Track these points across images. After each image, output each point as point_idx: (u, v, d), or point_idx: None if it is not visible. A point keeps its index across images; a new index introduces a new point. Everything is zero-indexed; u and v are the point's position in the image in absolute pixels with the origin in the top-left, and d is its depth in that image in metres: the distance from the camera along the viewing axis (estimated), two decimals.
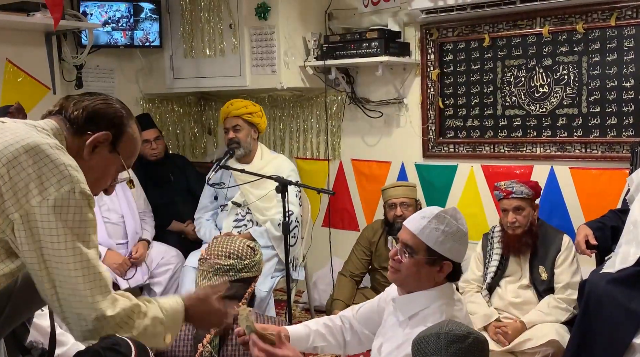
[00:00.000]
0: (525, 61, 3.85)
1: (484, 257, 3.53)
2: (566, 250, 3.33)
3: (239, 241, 2.32)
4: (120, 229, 3.92)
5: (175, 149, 5.19)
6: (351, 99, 4.52)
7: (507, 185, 3.36)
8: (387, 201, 3.87)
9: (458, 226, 2.03)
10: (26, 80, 4.01)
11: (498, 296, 3.44)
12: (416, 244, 2.02)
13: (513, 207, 3.33)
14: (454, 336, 1.46)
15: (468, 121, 4.09)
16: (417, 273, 2.04)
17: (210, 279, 2.25)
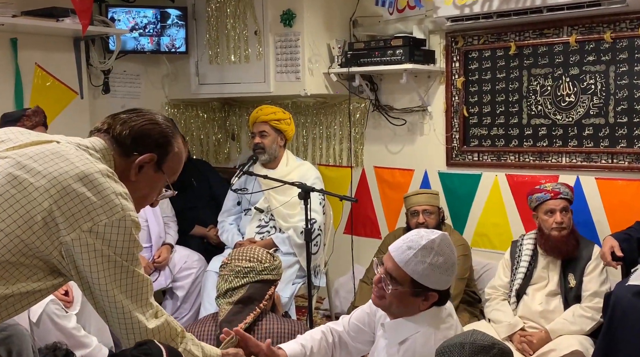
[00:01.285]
0: (552, 70, 3.82)
1: (512, 264, 3.51)
2: (596, 259, 3.31)
3: (260, 249, 2.37)
4: (144, 233, 3.95)
5: (199, 155, 5.22)
6: (375, 106, 4.52)
7: (554, 186, 3.38)
8: (410, 208, 3.85)
9: (445, 257, 1.97)
10: (54, 84, 4.07)
11: (524, 303, 3.41)
12: (400, 276, 1.97)
13: (561, 207, 3.32)
14: (478, 346, 1.46)
15: (493, 130, 4.07)
16: (401, 303, 2.01)
17: (232, 282, 2.30)
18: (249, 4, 4.45)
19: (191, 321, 3.94)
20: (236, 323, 2.21)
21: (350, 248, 4.37)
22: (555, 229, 3.31)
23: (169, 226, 4.13)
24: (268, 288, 2.33)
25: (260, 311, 2.27)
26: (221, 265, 2.39)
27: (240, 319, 2.23)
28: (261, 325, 2.25)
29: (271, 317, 2.30)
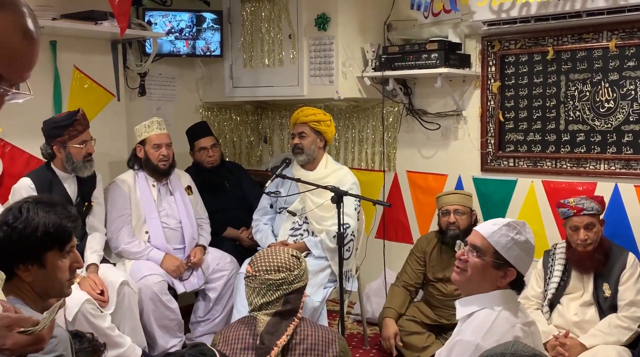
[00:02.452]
0: (591, 75, 3.75)
1: (545, 273, 3.48)
2: (631, 267, 3.26)
3: (283, 253, 2.34)
4: (178, 235, 3.98)
5: (232, 157, 5.25)
6: (408, 110, 4.50)
7: (577, 201, 3.28)
8: (441, 208, 3.84)
9: (527, 237, 2.09)
10: (92, 86, 4.11)
11: (559, 313, 3.37)
12: (485, 246, 2.09)
13: (585, 224, 3.26)
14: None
15: (529, 135, 4.01)
16: (481, 274, 2.09)
17: (265, 295, 2.27)
18: (283, 7, 4.47)
19: (223, 322, 3.96)
20: (278, 334, 2.20)
21: (382, 253, 4.34)
22: (580, 245, 3.27)
23: (202, 227, 4.15)
24: (302, 295, 2.33)
25: (299, 321, 2.27)
26: (247, 276, 2.35)
27: (281, 331, 2.22)
28: (297, 332, 2.24)
29: (306, 323, 2.28)
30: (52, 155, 3.53)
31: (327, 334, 2.26)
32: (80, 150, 3.51)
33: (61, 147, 3.49)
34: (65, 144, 3.48)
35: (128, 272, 3.69)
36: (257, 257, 2.35)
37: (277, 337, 2.19)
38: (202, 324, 4.02)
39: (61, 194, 3.54)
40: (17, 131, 3.69)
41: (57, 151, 3.50)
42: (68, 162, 3.51)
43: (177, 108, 4.87)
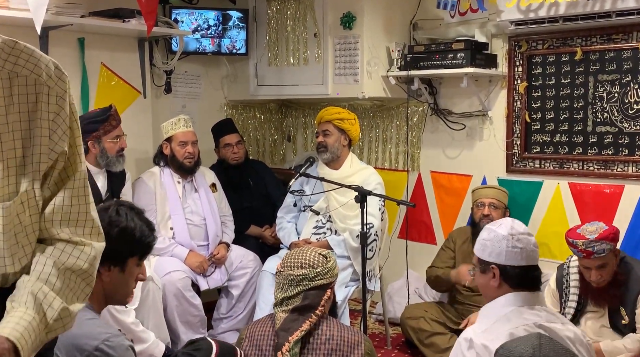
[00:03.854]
0: (620, 76, 3.70)
1: (560, 294, 3.29)
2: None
3: (311, 251, 2.34)
4: (202, 231, 4.00)
5: (255, 155, 5.25)
6: (433, 110, 4.47)
7: (587, 245, 2.98)
8: (476, 200, 3.85)
9: (495, 231, 2.15)
10: (119, 84, 4.14)
11: None
12: (475, 260, 2.24)
13: (596, 266, 3.03)
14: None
15: (556, 136, 3.96)
16: (483, 287, 2.20)
17: (286, 290, 2.30)
18: (309, 6, 4.46)
19: (245, 319, 3.98)
20: (292, 331, 2.20)
21: (405, 253, 4.32)
22: (594, 282, 3.08)
23: (226, 225, 4.17)
24: (323, 293, 2.30)
25: (317, 318, 2.25)
26: (277, 271, 2.38)
27: (296, 327, 2.22)
28: (321, 330, 2.23)
29: (331, 323, 2.26)
30: (86, 151, 3.57)
31: (353, 335, 2.25)
32: (114, 145, 3.59)
33: (96, 142, 3.56)
34: (100, 138, 3.56)
35: (152, 268, 3.70)
36: (287, 255, 2.38)
37: (290, 333, 2.19)
38: (225, 321, 4.04)
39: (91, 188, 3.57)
40: None
41: (91, 146, 3.55)
42: (102, 157, 3.58)
43: (202, 106, 4.89)
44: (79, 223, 1.39)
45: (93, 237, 1.42)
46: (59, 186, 1.38)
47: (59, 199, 1.36)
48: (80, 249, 1.38)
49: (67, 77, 1.38)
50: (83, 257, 1.37)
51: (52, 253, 1.35)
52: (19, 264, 1.33)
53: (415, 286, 4.37)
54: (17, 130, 1.30)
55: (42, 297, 1.29)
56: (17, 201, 1.30)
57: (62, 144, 1.35)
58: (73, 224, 1.38)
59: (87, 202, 1.41)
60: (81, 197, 1.40)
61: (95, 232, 1.42)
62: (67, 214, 1.37)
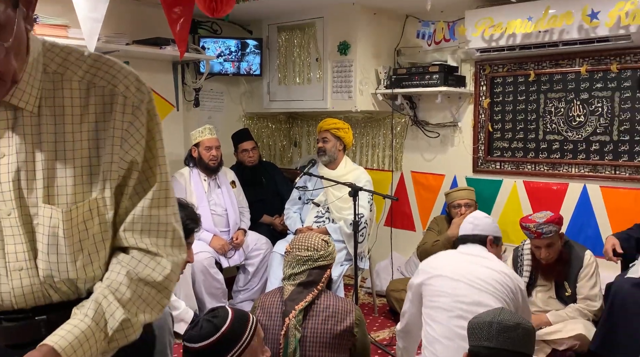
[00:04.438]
0: (565, 94, 3.77)
1: (515, 270, 3.33)
2: (587, 266, 3.15)
3: (315, 237, 2.36)
4: (224, 220, 4.04)
5: (268, 158, 5.30)
6: (413, 121, 4.52)
7: (537, 227, 3.05)
8: (452, 202, 3.82)
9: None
10: (157, 99, 4.15)
11: (531, 303, 3.32)
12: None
13: (545, 245, 3.12)
14: (505, 326, 1.40)
15: (513, 143, 4.03)
16: None
17: (294, 268, 2.30)
18: (312, 36, 4.51)
19: (259, 291, 4.01)
20: (298, 301, 2.22)
21: (390, 238, 4.38)
22: (543, 260, 3.16)
23: (243, 214, 4.20)
24: (324, 272, 2.31)
25: (318, 292, 2.27)
26: (285, 252, 2.40)
27: (301, 298, 2.23)
28: (320, 301, 2.25)
29: (328, 295, 2.29)
30: None
31: (346, 305, 2.25)
32: None
33: None
34: None
35: None
36: (295, 238, 2.39)
37: (296, 303, 2.20)
38: (242, 293, 4.08)
39: None
40: None
41: None
42: None
43: (224, 117, 4.92)
44: (160, 234, 1.17)
45: (174, 249, 1.19)
46: (140, 196, 1.15)
47: (139, 209, 1.15)
48: (158, 260, 1.16)
49: (148, 89, 1.17)
50: (158, 270, 1.16)
51: (128, 262, 1.14)
52: (83, 271, 1.13)
53: (397, 265, 4.42)
54: (90, 139, 1.11)
55: (105, 305, 1.10)
56: (82, 207, 1.10)
57: (133, 153, 1.13)
58: (154, 234, 1.17)
59: (167, 213, 1.18)
60: (162, 208, 1.17)
61: (177, 244, 1.20)
62: (147, 224, 1.16)
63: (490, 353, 1.36)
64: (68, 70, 1.10)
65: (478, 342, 1.40)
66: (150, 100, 1.16)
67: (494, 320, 1.42)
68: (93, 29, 2.96)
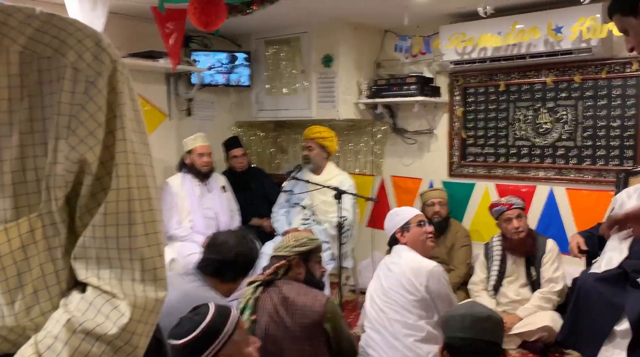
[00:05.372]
0: (532, 103, 3.83)
1: (487, 262, 3.48)
2: (549, 252, 3.29)
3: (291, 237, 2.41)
4: (215, 223, 4.02)
5: (256, 164, 5.26)
6: (392, 129, 4.55)
7: (507, 199, 3.37)
8: (426, 201, 3.87)
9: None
10: (150, 109, 4.18)
11: (502, 294, 3.40)
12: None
13: (516, 215, 3.30)
14: (477, 317, 1.41)
15: (485, 149, 4.08)
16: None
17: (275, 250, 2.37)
18: (297, 50, 4.52)
19: None
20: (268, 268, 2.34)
21: (371, 238, 4.40)
22: (515, 233, 3.28)
23: (234, 217, 4.19)
24: (276, 261, 2.32)
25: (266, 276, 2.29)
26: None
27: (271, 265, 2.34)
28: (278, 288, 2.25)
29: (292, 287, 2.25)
30: None
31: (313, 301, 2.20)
32: None
33: None
34: None
35: (177, 252, 3.76)
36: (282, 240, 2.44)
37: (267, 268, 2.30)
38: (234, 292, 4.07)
39: None
40: None
41: None
42: None
43: (215, 126, 4.88)
44: (123, 263, 0.76)
45: (144, 285, 0.77)
46: (93, 212, 0.76)
47: (89, 230, 0.76)
48: (114, 304, 0.75)
49: (112, 56, 0.77)
50: (113, 317, 0.74)
51: (76, 307, 0.75)
52: (25, 315, 0.76)
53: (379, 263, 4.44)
54: (25, 133, 0.73)
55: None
56: (19, 228, 0.74)
57: (82, 149, 0.74)
58: (108, 264, 0.76)
59: (133, 234, 0.77)
60: (123, 227, 0.76)
61: (150, 278, 0.78)
62: (102, 250, 0.76)
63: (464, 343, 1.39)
64: (6, 39, 0.73)
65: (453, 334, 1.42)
66: (115, 72, 0.76)
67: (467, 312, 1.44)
68: None
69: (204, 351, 1.46)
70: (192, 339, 1.47)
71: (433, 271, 2.39)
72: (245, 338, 1.55)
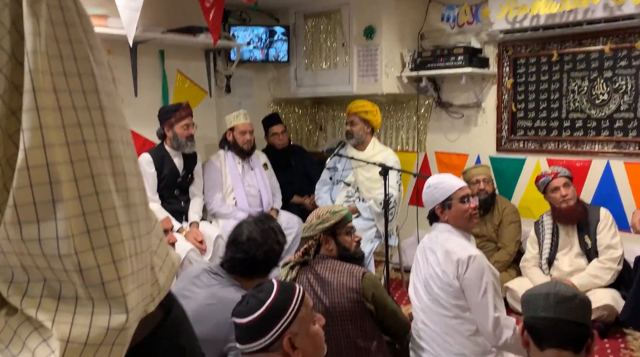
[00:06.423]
0: (588, 73, 3.67)
1: (538, 238, 3.43)
2: (604, 219, 3.25)
3: (323, 210, 2.32)
4: (257, 200, 4.04)
5: (295, 141, 5.27)
6: (437, 103, 4.45)
7: (553, 169, 3.34)
8: (470, 179, 3.79)
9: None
10: (191, 86, 4.18)
11: (556, 268, 3.34)
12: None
13: (563, 183, 3.26)
14: (562, 296, 1.34)
15: (536, 122, 3.94)
16: None
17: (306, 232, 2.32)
18: (337, 22, 4.45)
19: None
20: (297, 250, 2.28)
21: (415, 216, 4.34)
22: (563, 202, 3.24)
23: (275, 195, 4.20)
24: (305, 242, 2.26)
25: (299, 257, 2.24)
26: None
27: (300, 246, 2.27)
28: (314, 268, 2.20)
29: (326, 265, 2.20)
30: (164, 136, 3.61)
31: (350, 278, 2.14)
32: (184, 131, 3.59)
33: (169, 128, 3.57)
34: (173, 125, 3.56)
35: (221, 229, 3.77)
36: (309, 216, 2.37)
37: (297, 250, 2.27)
38: (276, 269, 4.07)
39: (171, 166, 3.63)
40: (136, 120, 3.77)
41: (166, 131, 3.58)
42: (174, 140, 3.58)
43: (253, 103, 4.90)
44: (57, 275, 0.53)
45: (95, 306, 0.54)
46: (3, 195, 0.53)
47: (1, 228, 0.53)
48: (43, 335, 0.54)
49: None
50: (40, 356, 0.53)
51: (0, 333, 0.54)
52: None
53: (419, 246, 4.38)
54: None
55: None
56: None
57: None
58: (37, 276, 0.54)
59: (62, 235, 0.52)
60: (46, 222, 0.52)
61: (98, 295, 0.54)
62: (25, 257, 0.53)
63: (548, 324, 1.31)
64: None
65: (535, 314, 1.34)
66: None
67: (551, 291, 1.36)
68: (132, 18, 2.94)
69: (270, 329, 1.42)
70: (257, 318, 1.43)
71: (467, 260, 2.15)
72: (311, 315, 1.51)
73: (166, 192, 3.62)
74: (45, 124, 0.49)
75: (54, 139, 0.49)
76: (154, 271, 0.63)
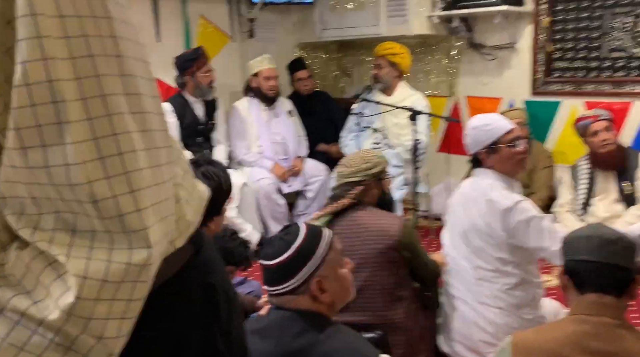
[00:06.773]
0: (632, 8, 3.45)
1: (574, 183, 3.34)
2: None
3: (355, 155, 2.27)
4: (283, 148, 4.02)
5: (321, 87, 5.16)
6: (469, 44, 4.27)
7: (594, 112, 3.23)
8: None
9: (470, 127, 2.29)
10: (214, 31, 4.09)
11: (591, 214, 3.24)
12: None
13: (604, 127, 3.13)
14: (605, 239, 1.28)
15: (574, 63, 3.76)
16: None
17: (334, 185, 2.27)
18: None
19: None
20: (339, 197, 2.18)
21: (444, 163, 4.26)
22: (602, 146, 3.12)
23: (301, 142, 4.18)
24: (351, 188, 2.17)
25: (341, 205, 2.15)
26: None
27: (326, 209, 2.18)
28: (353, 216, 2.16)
29: (368, 214, 2.16)
30: (184, 84, 3.57)
31: (389, 226, 2.11)
32: (206, 78, 3.55)
33: (191, 76, 3.53)
34: (194, 73, 3.52)
35: (247, 176, 3.77)
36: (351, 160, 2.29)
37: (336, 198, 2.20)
38: (302, 217, 4.08)
39: (191, 114, 3.61)
40: (159, 67, 3.63)
41: (189, 80, 3.54)
42: (197, 88, 3.55)
43: (277, 48, 4.78)
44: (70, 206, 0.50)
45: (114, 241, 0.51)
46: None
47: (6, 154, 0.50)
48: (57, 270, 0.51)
49: None
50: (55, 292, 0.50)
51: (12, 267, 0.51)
52: None
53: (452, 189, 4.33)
54: None
55: None
56: None
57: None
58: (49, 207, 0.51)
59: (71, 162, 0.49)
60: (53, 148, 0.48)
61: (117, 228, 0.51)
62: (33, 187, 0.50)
63: (589, 267, 1.26)
64: None
65: (575, 257, 1.29)
66: None
67: (594, 233, 1.30)
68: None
69: (298, 271, 1.41)
70: (285, 259, 1.41)
71: (513, 205, 2.07)
72: (339, 259, 1.49)
73: (189, 141, 3.62)
74: (45, 33, 0.43)
75: (56, 52, 0.44)
76: (180, 203, 0.59)
